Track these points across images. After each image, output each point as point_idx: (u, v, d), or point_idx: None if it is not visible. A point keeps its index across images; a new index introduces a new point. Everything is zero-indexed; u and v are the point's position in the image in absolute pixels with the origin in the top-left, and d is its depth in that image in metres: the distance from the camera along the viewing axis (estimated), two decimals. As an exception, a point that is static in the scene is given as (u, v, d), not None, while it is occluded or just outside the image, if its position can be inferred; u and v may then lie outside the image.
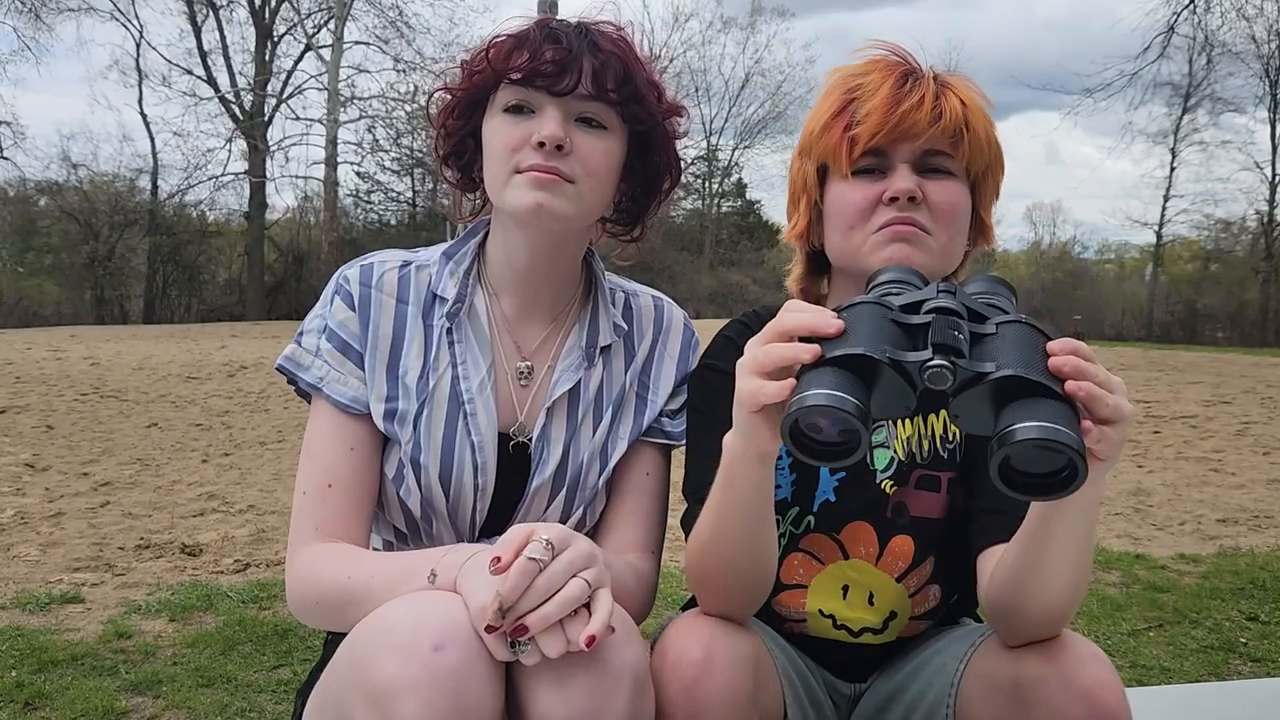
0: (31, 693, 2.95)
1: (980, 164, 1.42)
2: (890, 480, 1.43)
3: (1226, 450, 8.37)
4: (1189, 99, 30.64)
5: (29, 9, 28.87)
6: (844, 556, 1.44)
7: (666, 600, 3.90)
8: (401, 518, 1.44)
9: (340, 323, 1.42)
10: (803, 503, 1.44)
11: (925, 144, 1.37)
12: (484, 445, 1.41)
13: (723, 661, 1.19)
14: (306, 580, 1.33)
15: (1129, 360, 18.63)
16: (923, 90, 1.38)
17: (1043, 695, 1.18)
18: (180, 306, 29.70)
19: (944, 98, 1.38)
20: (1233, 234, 33.51)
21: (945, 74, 1.43)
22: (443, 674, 1.05)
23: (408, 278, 1.45)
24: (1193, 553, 4.98)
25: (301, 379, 1.41)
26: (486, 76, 1.38)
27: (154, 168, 31.13)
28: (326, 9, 31.08)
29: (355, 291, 1.42)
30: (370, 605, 1.16)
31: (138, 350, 16.44)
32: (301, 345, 1.43)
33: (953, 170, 1.40)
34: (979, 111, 1.41)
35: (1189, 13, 17.43)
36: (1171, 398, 12.32)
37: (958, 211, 1.40)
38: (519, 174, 1.35)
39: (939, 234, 1.38)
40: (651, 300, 1.57)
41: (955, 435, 1.46)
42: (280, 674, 3.17)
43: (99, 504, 5.61)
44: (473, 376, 1.43)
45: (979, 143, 1.40)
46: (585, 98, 1.35)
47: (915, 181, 1.37)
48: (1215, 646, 3.64)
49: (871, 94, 1.38)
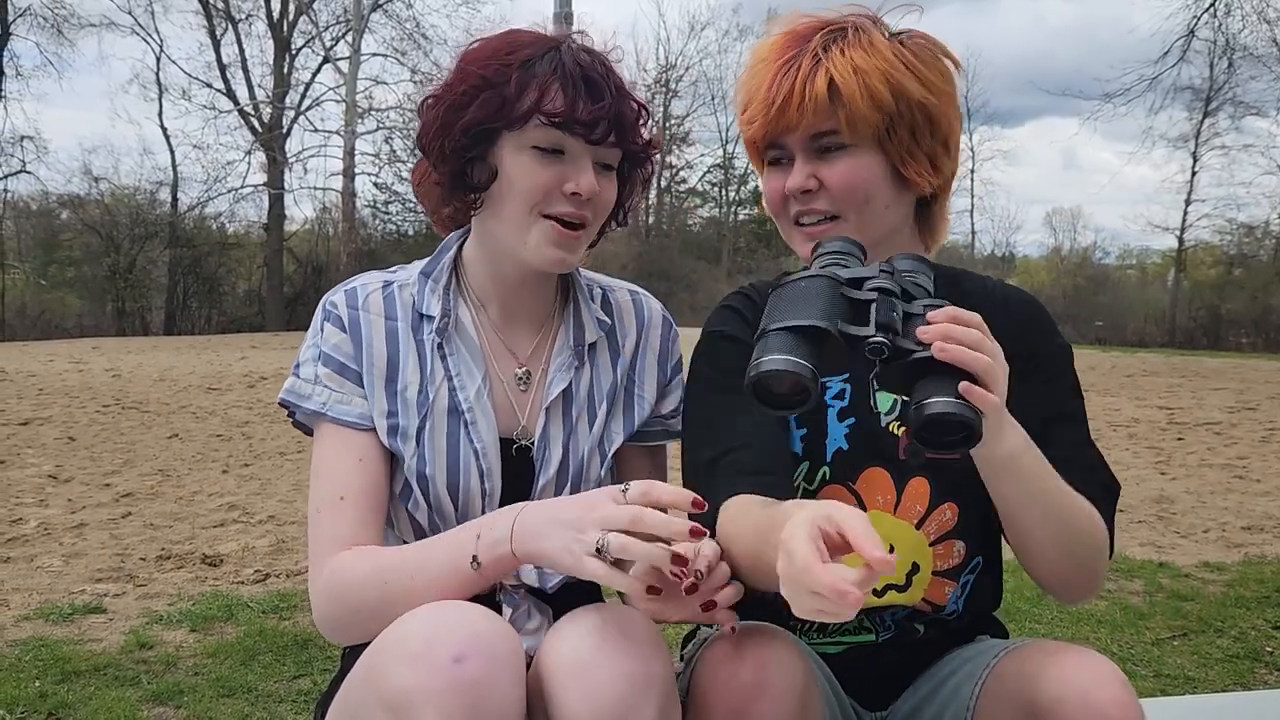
0: (55, 703, 2.97)
1: (870, 126, 1.36)
2: (896, 421, 1.43)
3: (1251, 457, 8.28)
4: (1210, 103, 30.40)
5: (51, 25, 29.22)
6: (862, 509, 1.41)
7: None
8: (411, 532, 1.44)
9: (334, 346, 1.42)
10: (814, 456, 1.43)
11: (805, 130, 1.38)
12: (487, 451, 1.42)
13: (777, 689, 1.16)
14: (337, 593, 1.32)
15: (1151, 366, 18.48)
16: (794, 75, 1.36)
17: (1059, 719, 1.16)
18: (200, 318, 29.87)
19: (816, 75, 1.36)
20: (1256, 238, 33.18)
21: (846, 33, 1.38)
22: (464, 685, 1.05)
23: (392, 297, 1.46)
24: (1217, 561, 4.93)
25: (304, 408, 1.41)
26: (510, 111, 1.33)
27: (174, 180, 31.36)
28: (344, 22, 31.32)
29: (344, 315, 1.43)
30: (413, 602, 1.17)
31: (159, 361, 16.57)
32: (300, 377, 1.42)
33: (847, 143, 1.38)
34: (866, 71, 1.35)
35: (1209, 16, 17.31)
36: (1195, 404, 12.21)
37: (857, 187, 1.39)
38: (545, 218, 1.36)
39: (847, 213, 1.40)
40: (629, 295, 1.58)
41: None
42: (300, 684, 3.18)
43: (120, 515, 5.64)
44: (469, 386, 1.43)
45: (858, 107, 1.35)
46: (609, 146, 1.37)
47: (807, 172, 1.39)
48: (1240, 656, 3.60)
49: (755, 91, 1.40)
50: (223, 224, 32.46)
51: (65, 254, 30.11)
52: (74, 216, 30.43)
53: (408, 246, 31.06)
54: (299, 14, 31.81)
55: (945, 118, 1.39)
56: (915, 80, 1.36)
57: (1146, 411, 11.36)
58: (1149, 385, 14.67)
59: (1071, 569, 1.33)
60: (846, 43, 1.37)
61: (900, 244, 1.46)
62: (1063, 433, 1.40)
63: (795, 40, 1.40)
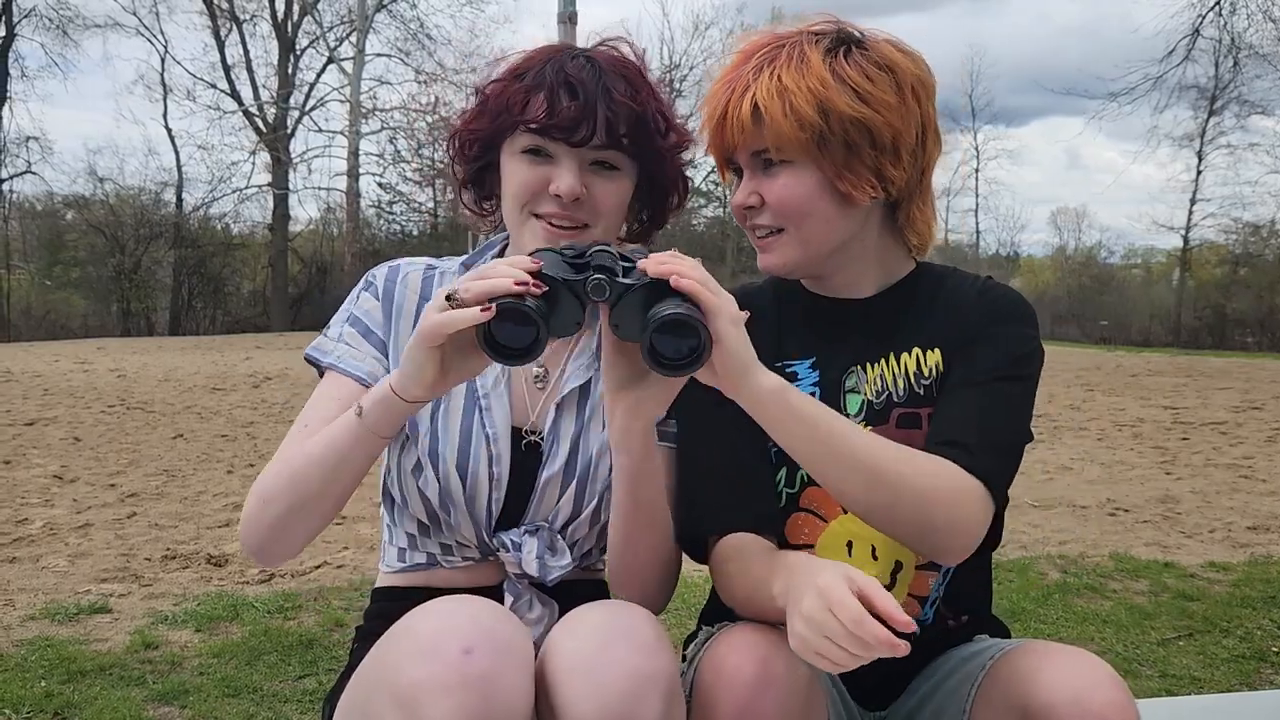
0: (60, 703, 2.98)
1: (798, 143, 1.37)
2: (864, 422, 1.45)
3: (1257, 457, 8.26)
4: (1215, 102, 30.31)
5: (56, 25, 29.31)
6: (843, 510, 1.44)
7: (690, 610, 3.90)
8: (422, 509, 1.47)
9: (365, 311, 1.51)
10: (790, 461, 1.43)
11: (745, 148, 1.42)
12: (498, 438, 1.46)
13: (780, 685, 1.17)
14: (256, 491, 1.39)
15: (1156, 366, 18.46)
16: (728, 95, 1.41)
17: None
18: (205, 318, 29.89)
19: (745, 96, 1.39)
20: (1261, 238, 33.08)
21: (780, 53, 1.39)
22: (473, 677, 1.06)
23: (431, 280, 1.53)
24: (1223, 561, 4.92)
25: (322, 362, 1.49)
26: (504, 121, 1.42)
27: (179, 181, 31.42)
28: (348, 22, 31.36)
29: (381, 286, 1.52)
30: (311, 470, 1.31)
31: (163, 362, 16.60)
32: (327, 335, 1.52)
33: (785, 159, 1.39)
34: (791, 91, 1.36)
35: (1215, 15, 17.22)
36: (1200, 404, 12.19)
37: (792, 203, 1.40)
38: (536, 218, 1.42)
39: (789, 227, 1.42)
40: None
41: (930, 371, 1.46)
42: (305, 684, 3.18)
43: (126, 515, 5.66)
44: (488, 374, 1.48)
45: (780, 127, 1.36)
46: (599, 146, 1.40)
47: (750, 189, 1.43)
48: (1246, 656, 3.59)
49: (706, 115, 1.46)
50: (227, 224, 32.53)
51: (70, 254, 30.14)
52: (79, 217, 30.47)
53: (412, 247, 31.08)
54: (303, 14, 31.87)
55: (888, 128, 1.37)
56: (848, 95, 1.36)
57: (1151, 411, 11.34)
58: (1154, 385, 14.65)
59: (914, 523, 1.29)
60: (779, 63, 1.38)
61: (862, 252, 1.47)
62: (959, 395, 1.40)
63: (740, 60, 1.43)
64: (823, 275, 1.49)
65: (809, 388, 1.46)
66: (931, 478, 1.29)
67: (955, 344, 1.45)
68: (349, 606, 3.96)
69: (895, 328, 1.48)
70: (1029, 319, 1.47)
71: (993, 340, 1.43)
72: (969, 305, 1.47)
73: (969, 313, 1.46)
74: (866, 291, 1.50)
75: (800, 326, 1.51)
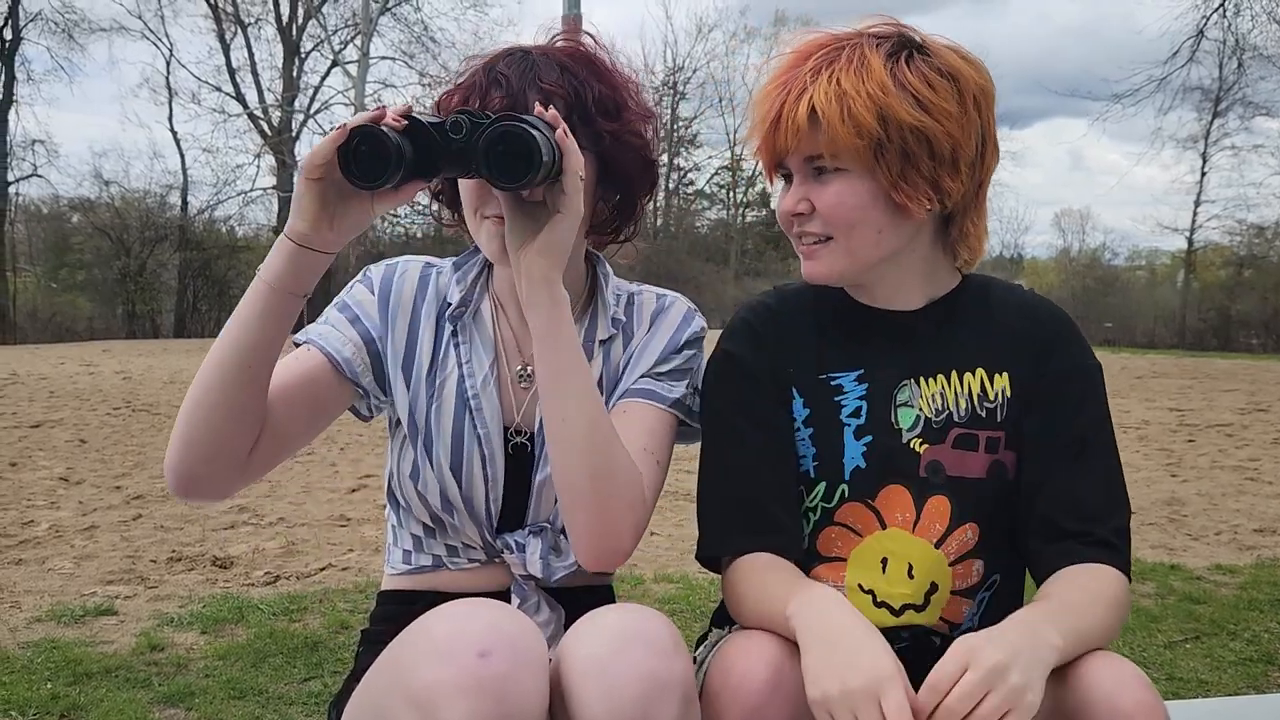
0: (66, 704, 2.98)
1: (854, 151, 1.33)
2: (919, 438, 1.41)
3: (1263, 459, 8.24)
4: (1219, 103, 30.25)
5: (62, 29, 29.40)
6: (881, 526, 1.41)
7: (696, 613, 3.90)
8: (426, 513, 1.47)
9: (357, 301, 1.50)
10: (830, 475, 1.42)
11: (798, 153, 1.37)
12: (490, 438, 1.45)
13: (790, 689, 1.16)
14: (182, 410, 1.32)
15: (1161, 368, 18.43)
16: (784, 98, 1.36)
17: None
18: (210, 320, 29.89)
19: (801, 100, 1.34)
20: (1266, 239, 33.05)
21: (840, 55, 1.36)
22: (488, 679, 1.06)
23: (427, 279, 1.53)
24: (1229, 563, 4.91)
25: (298, 340, 1.46)
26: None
27: (184, 184, 31.50)
28: (353, 25, 31.39)
29: (377, 281, 1.51)
30: (224, 354, 1.29)
31: (169, 364, 16.62)
32: (318, 321, 1.50)
33: (838, 167, 1.36)
34: (850, 96, 1.32)
35: (1219, 16, 17.19)
36: (1206, 405, 12.16)
37: (842, 212, 1.36)
38: (485, 219, 1.39)
39: (838, 236, 1.38)
40: (654, 295, 1.58)
41: (996, 395, 1.43)
42: (311, 686, 3.18)
43: (131, 517, 5.66)
44: (477, 374, 1.47)
45: (838, 133, 1.32)
46: None
47: (800, 195, 1.39)
48: (1254, 659, 3.58)
49: (756, 112, 1.42)
50: (232, 227, 32.66)
51: (76, 257, 30.23)
52: (84, 220, 30.56)
53: (415, 248, 31.00)
54: (308, 18, 31.93)
55: (948, 139, 1.33)
56: (909, 103, 1.32)
57: (1157, 413, 11.32)
58: (1159, 387, 14.62)
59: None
60: (838, 66, 1.34)
61: (910, 264, 1.44)
62: (1093, 463, 1.42)
63: (796, 61, 1.39)
64: (865, 285, 1.45)
65: (855, 401, 1.43)
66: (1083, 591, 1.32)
67: (1025, 373, 1.43)
68: (354, 609, 3.96)
69: (951, 343, 1.45)
70: (1084, 339, 1.49)
71: (1082, 380, 1.44)
72: (1025, 326, 1.45)
73: (1028, 333, 1.45)
74: (914, 303, 1.45)
75: (843, 337, 1.46)
